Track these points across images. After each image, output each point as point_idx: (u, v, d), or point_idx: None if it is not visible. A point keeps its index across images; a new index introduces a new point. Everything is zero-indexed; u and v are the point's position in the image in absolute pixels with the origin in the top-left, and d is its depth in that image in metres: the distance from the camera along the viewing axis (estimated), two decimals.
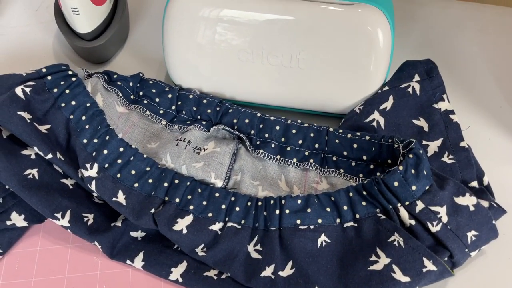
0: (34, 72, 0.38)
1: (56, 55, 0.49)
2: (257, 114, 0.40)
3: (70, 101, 0.37)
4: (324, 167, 0.38)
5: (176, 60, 0.41)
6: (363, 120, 0.39)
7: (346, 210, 0.34)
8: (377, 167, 0.37)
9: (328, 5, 0.37)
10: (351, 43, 0.38)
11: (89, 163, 0.35)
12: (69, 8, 0.42)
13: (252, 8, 0.38)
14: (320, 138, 0.38)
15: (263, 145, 0.39)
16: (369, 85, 0.40)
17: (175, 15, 0.39)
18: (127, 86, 0.41)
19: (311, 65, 0.39)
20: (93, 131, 0.36)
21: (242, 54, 0.40)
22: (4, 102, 0.35)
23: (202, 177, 0.37)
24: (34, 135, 0.35)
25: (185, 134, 0.39)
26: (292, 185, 0.38)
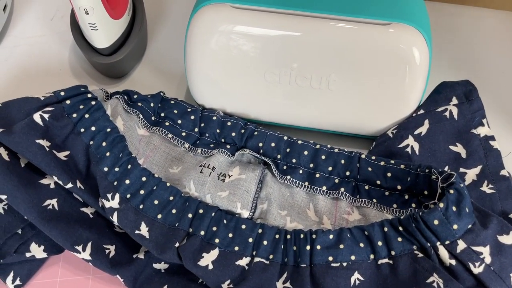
0: (52, 96, 0.36)
1: (72, 68, 0.47)
2: (283, 138, 0.38)
3: (90, 126, 0.36)
4: (355, 196, 0.36)
5: (198, 79, 0.39)
6: (396, 145, 0.37)
7: (380, 246, 0.32)
8: (412, 198, 0.35)
9: (363, 24, 0.35)
10: (386, 64, 0.36)
11: (111, 193, 0.34)
12: (87, 24, 0.40)
13: (281, 27, 0.36)
14: (352, 165, 0.36)
15: (290, 170, 0.37)
16: (403, 108, 0.38)
17: (198, 32, 0.37)
18: (148, 107, 0.39)
19: (342, 87, 0.37)
20: (114, 159, 0.35)
21: (268, 75, 0.38)
22: (22, 130, 0.33)
23: (227, 207, 0.35)
24: (54, 164, 0.34)
25: (209, 160, 0.37)
26: (321, 215, 0.36)
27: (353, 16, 0.35)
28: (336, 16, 0.35)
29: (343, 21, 0.35)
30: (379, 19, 0.35)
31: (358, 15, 0.35)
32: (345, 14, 0.35)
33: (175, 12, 0.51)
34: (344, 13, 0.35)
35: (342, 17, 0.35)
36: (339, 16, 0.35)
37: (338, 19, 0.35)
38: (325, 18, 0.35)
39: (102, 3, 0.40)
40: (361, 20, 0.35)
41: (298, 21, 0.36)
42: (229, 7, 0.36)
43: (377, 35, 0.35)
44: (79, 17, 0.40)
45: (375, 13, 0.35)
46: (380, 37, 0.35)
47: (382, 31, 0.35)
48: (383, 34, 0.35)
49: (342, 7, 0.36)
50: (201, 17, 0.37)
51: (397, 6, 0.36)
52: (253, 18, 0.36)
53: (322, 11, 0.35)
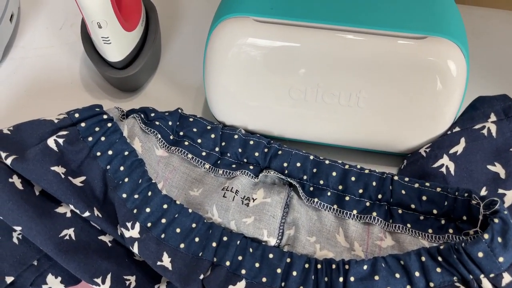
0: (66, 118, 0.34)
1: (84, 81, 0.45)
2: (309, 157, 0.36)
3: (106, 150, 0.34)
4: (388, 221, 0.34)
5: (219, 95, 0.37)
6: (430, 165, 0.35)
7: (418, 277, 0.30)
8: (450, 223, 0.33)
9: (396, 38, 0.33)
10: (421, 79, 0.33)
11: (130, 221, 0.32)
12: (100, 38, 0.38)
13: (308, 41, 0.34)
14: (384, 188, 0.34)
15: (318, 192, 0.35)
16: (437, 125, 0.35)
17: (219, 46, 0.35)
18: (166, 126, 0.37)
19: (373, 104, 0.35)
20: (133, 185, 0.33)
21: (294, 92, 0.36)
22: (36, 157, 0.32)
23: (253, 234, 0.33)
24: (70, 192, 0.32)
25: (232, 183, 0.35)
26: (352, 241, 0.34)
27: (386, 30, 0.33)
28: (367, 29, 0.33)
29: (376, 34, 0.33)
30: (414, 33, 0.33)
31: (392, 28, 0.33)
32: (378, 28, 0.33)
33: (190, 20, 0.48)
34: (376, 27, 0.33)
35: (374, 31, 0.33)
36: (371, 30, 0.33)
37: (370, 32, 0.33)
38: (356, 32, 0.33)
39: (116, 15, 0.37)
40: (394, 33, 0.33)
41: (326, 35, 0.33)
42: (252, 20, 0.34)
43: (412, 49, 0.33)
44: (91, 30, 0.38)
45: (409, 26, 0.33)
46: (415, 51, 0.33)
47: (418, 45, 0.33)
48: (418, 48, 0.33)
49: (374, 20, 0.33)
50: (223, 31, 0.34)
51: (433, 18, 0.33)
52: (277, 31, 0.34)
53: (353, 25, 0.33)
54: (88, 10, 0.36)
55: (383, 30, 0.33)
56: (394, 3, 0.34)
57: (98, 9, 0.36)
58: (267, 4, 0.34)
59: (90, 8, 0.35)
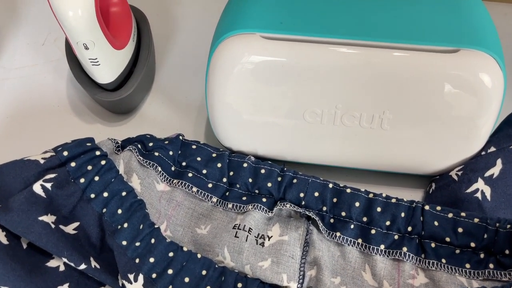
0: (53, 156, 0.30)
1: (72, 104, 0.41)
2: (328, 185, 0.32)
3: (101, 191, 0.30)
4: (420, 256, 0.30)
5: (224, 118, 0.33)
6: (463, 191, 0.32)
7: None
8: (489, 257, 0.30)
9: (424, 53, 0.29)
10: (453, 96, 0.30)
11: (133, 273, 0.28)
12: (87, 59, 0.34)
13: (323, 59, 0.30)
14: (414, 219, 0.31)
15: (340, 225, 0.32)
16: (471, 145, 0.32)
17: (224, 65, 0.31)
18: (167, 157, 0.33)
19: (399, 125, 0.31)
20: (134, 231, 0.29)
21: (309, 115, 0.32)
22: (21, 207, 0.28)
23: (271, 280, 0.30)
24: (62, 244, 0.28)
25: (244, 220, 0.31)
26: (381, 279, 0.30)
27: (413, 43, 0.29)
28: (391, 43, 0.29)
29: (401, 49, 0.29)
30: (444, 45, 0.29)
31: (419, 41, 0.29)
32: (403, 41, 0.29)
33: (185, 31, 0.44)
34: (401, 40, 0.29)
35: (399, 45, 0.29)
36: (395, 44, 0.29)
37: (394, 47, 0.29)
38: (378, 47, 0.29)
39: (104, 34, 0.33)
40: (422, 47, 0.29)
41: (344, 51, 0.29)
42: (259, 37, 0.30)
43: (442, 63, 0.29)
44: (77, 52, 0.34)
45: (438, 39, 0.29)
46: (446, 66, 0.29)
47: (449, 59, 0.29)
48: (450, 62, 0.29)
49: (398, 32, 0.29)
50: (227, 49, 0.30)
51: (464, 29, 0.30)
52: (289, 48, 0.30)
53: (374, 39, 0.29)
54: (73, 31, 0.31)
55: (409, 44, 0.29)
56: (421, 13, 0.30)
57: (84, 29, 0.31)
58: (276, 19, 0.30)
59: (76, 29, 0.31)
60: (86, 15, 0.32)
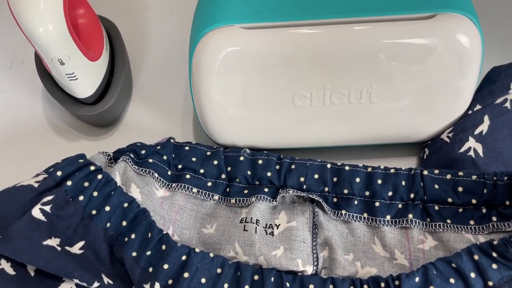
0: (47, 178, 0.29)
1: (51, 123, 0.39)
2: (327, 166, 0.32)
3: (102, 206, 0.29)
4: (426, 220, 0.31)
5: (214, 115, 0.33)
6: (456, 151, 0.32)
7: (474, 278, 0.28)
8: (491, 210, 0.30)
9: (403, 22, 0.29)
10: (435, 60, 0.30)
11: (148, 282, 0.28)
12: (64, 75, 0.33)
13: (305, 41, 0.30)
14: (415, 185, 0.31)
15: (344, 203, 0.32)
16: (457, 106, 0.33)
17: (206, 61, 0.31)
18: (162, 162, 0.33)
19: (386, 97, 0.32)
20: (143, 240, 0.29)
21: (298, 99, 0.32)
22: (23, 234, 0.27)
23: (287, 267, 0.30)
24: (71, 265, 0.27)
25: (250, 213, 0.31)
26: (392, 249, 0.31)
27: (390, 15, 0.29)
28: (370, 17, 0.29)
29: (380, 21, 0.30)
30: (421, 13, 0.30)
31: (396, 12, 0.29)
32: (380, 14, 0.30)
33: (156, 36, 0.43)
34: (378, 13, 0.30)
35: (377, 18, 0.30)
36: (374, 17, 0.29)
37: (373, 20, 0.30)
38: (357, 22, 0.30)
39: (78, 47, 0.32)
40: (400, 17, 0.30)
41: (325, 31, 0.30)
42: (239, 28, 0.30)
43: (422, 30, 0.30)
44: (52, 68, 0.33)
45: (414, 7, 0.30)
46: (425, 32, 0.30)
47: (427, 25, 0.29)
48: (428, 28, 0.30)
49: (374, 6, 0.30)
50: (209, 44, 0.30)
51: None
52: (270, 36, 0.30)
53: (352, 15, 0.30)
54: (46, 48, 0.30)
55: (387, 16, 0.30)
56: None
57: (59, 44, 0.31)
58: (252, 8, 0.30)
59: (49, 45, 0.30)
60: (58, 29, 0.31)
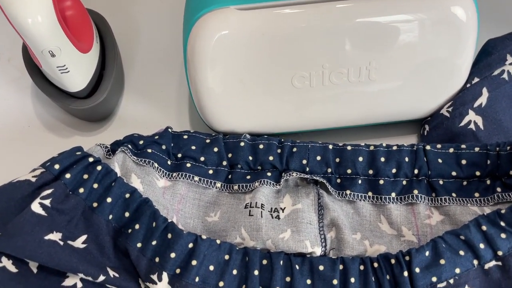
0: (44, 172, 0.28)
1: (44, 121, 0.38)
2: (328, 147, 0.32)
3: (104, 198, 0.28)
4: (431, 195, 0.31)
5: (212, 101, 0.32)
6: (457, 125, 0.32)
7: (483, 248, 0.28)
8: (495, 181, 0.30)
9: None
10: (431, 34, 0.30)
11: (155, 273, 0.27)
12: (55, 68, 0.32)
13: (302, 20, 0.29)
14: (419, 161, 0.31)
15: (348, 183, 0.32)
16: (456, 79, 0.33)
17: (203, 45, 0.30)
18: (161, 151, 0.32)
19: (386, 73, 0.32)
20: (147, 231, 0.28)
21: (297, 80, 0.31)
22: (24, 230, 0.26)
23: (295, 249, 0.29)
24: (75, 260, 0.26)
25: (254, 197, 0.31)
26: (399, 226, 0.31)
27: None
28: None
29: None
30: None
31: None
32: None
33: (145, 28, 0.42)
34: None
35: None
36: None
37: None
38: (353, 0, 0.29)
39: (69, 38, 0.32)
40: None
41: (322, 9, 0.29)
42: (234, 10, 0.29)
43: (416, 4, 0.29)
44: (42, 61, 0.32)
45: None
46: (420, 5, 0.29)
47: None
48: (424, 2, 0.29)
49: None
50: (204, 27, 0.30)
51: None
52: (267, 17, 0.29)
53: None
54: (36, 39, 0.30)
55: None
56: None
57: (48, 35, 0.30)
58: None
59: (38, 36, 0.29)
60: (47, 20, 0.30)
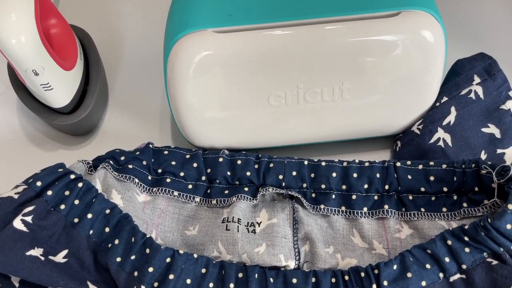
0: (27, 189, 0.29)
1: (28, 134, 0.39)
2: (304, 162, 0.33)
3: (84, 214, 0.29)
4: (401, 209, 0.32)
5: (191, 118, 0.34)
6: (426, 142, 0.34)
7: (448, 262, 0.29)
8: (462, 197, 0.32)
9: (369, 21, 0.31)
10: (402, 56, 0.32)
11: (134, 287, 0.28)
12: (39, 85, 0.33)
13: (277, 43, 0.31)
14: (389, 177, 0.32)
15: (322, 198, 0.33)
16: (425, 98, 0.34)
17: (181, 66, 0.31)
18: (141, 167, 0.33)
19: (358, 93, 0.33)
20: (126, 245, 0.29)
21: (273, 99, 0.33)
22: (5, 246, 0.27)
23: (270, 262, 0.30)
24: (56, 274, 0.27)
25: (231, 212, 0.32)
26: (370, 239, 0.32)
27: (357, 13, 0.31)
28: (338, 17, 0.31)
29: (347, 21, 0.31)
30: (386, 11, 0.31)
31: (362, 11, 0.31)
32: (348, 13, 0.31)
33: (129, 43, 0.43)
34: (346, 13, 0.31)
35: (345, 17, 0.31)
36: (342, 17, 0.31)
37: (341, 20, 0.31)
38: (326, 22, 0.31)
39: (52, 57, 0.32)
40: (366, 15, 0.31)
41: (295, 32, 0.31)
42: (211, 32, 0.31)
43: (388, 28, 0.31)
44: (26, 79, 0.33)
45: (379, 5, 0.31)
46: (391, 29, 0.31)
47: (393, 23, 0.31)
48: (394, 25, 0.31)
49: (341, 6, 0.31)
50: (182, 49, 0.31)
51: None
52: (243, 39, 0.31)
53: (321, 15, 0.31)
54: (20, 59, 0.30)
55: (354, 15, 0.31)
56: None
57: (33, 54, 0.31)
58: (223, 12, 0.31)
59: (22, 56, 0.30)
60: (30, 40, 0.31)
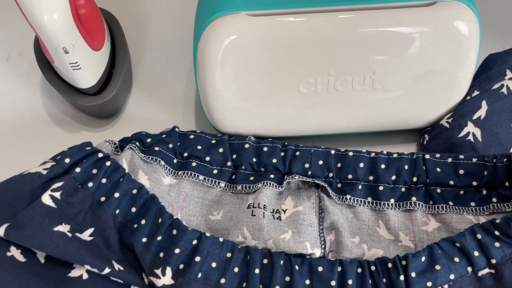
0: (55, 165, 0.29)
1: (52, 115, 0.39)
2: (331, 152, 0.33)
3: (111, 193, 0.29)
4: (429, 203, 0.32)
5: (219, 103, 0.33)
6: (456, 136, 0.33)
7: (478, 256, 0.29)
8: (491, 192, 0.31)
9: (404, 10, 0.30)
10: (435, 47, 0.31)
11: (159, 267, 0.28)
12: (67, 64, 0.33)
13: (311, 28, 0.30)
14: (418, 169, 0.32)
15: (348, 188, 0.33)
16: (456, 92, 0.34)
17: (213, 49, 0.31)
18: (167, 150, 0.33)
19: (389, 83, 0.33)
20: (153, 226, 0.29)
21: (303, 86, 0.32)
22: (34, 220, 0.27)
23: (296, 250, 0.30)
24: (82, 251, 0.27)
25: (257, 198, 0.32)
26: (396, 231, 0.32)
27: (393, 2, 0.30)
28: (373, 5, 0.30)
29: (382, 9, 0.30)
30: (421, 0, 0.30)
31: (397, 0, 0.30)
32: (383, 1, 0.30)
33: (154, 29, 0.43)
34: (381, 1, 0.30)
35: (380, 5, 0.30)
36: (377, 4, 0.30)
37: (376, 7, 0.30)
38: (360, 10, 0.30)
39: (82, 36, 0.32)
40: (402, 4, 0.30)
41: (330, 18, 0.30)
42: (245, 15, 0.30)
43: (423, 18, 0.30)
44: (56, 58, 0.33)
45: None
46: (426, 19, 0.30)
47: (428, 13, 0.30)
48: (429, 15, 0.30)
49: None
50: (215, 32, 0.30)
51: None
52: (276, 24, 0.30)
53: (358, 2, 0.30)
54: (52, 36, 0.30)
55: (389, 3, 0.30)
56: None
57: (64, 31, 0.30)
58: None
59: (55, 32, 0.30)
60: (62, 18, 0.31)
